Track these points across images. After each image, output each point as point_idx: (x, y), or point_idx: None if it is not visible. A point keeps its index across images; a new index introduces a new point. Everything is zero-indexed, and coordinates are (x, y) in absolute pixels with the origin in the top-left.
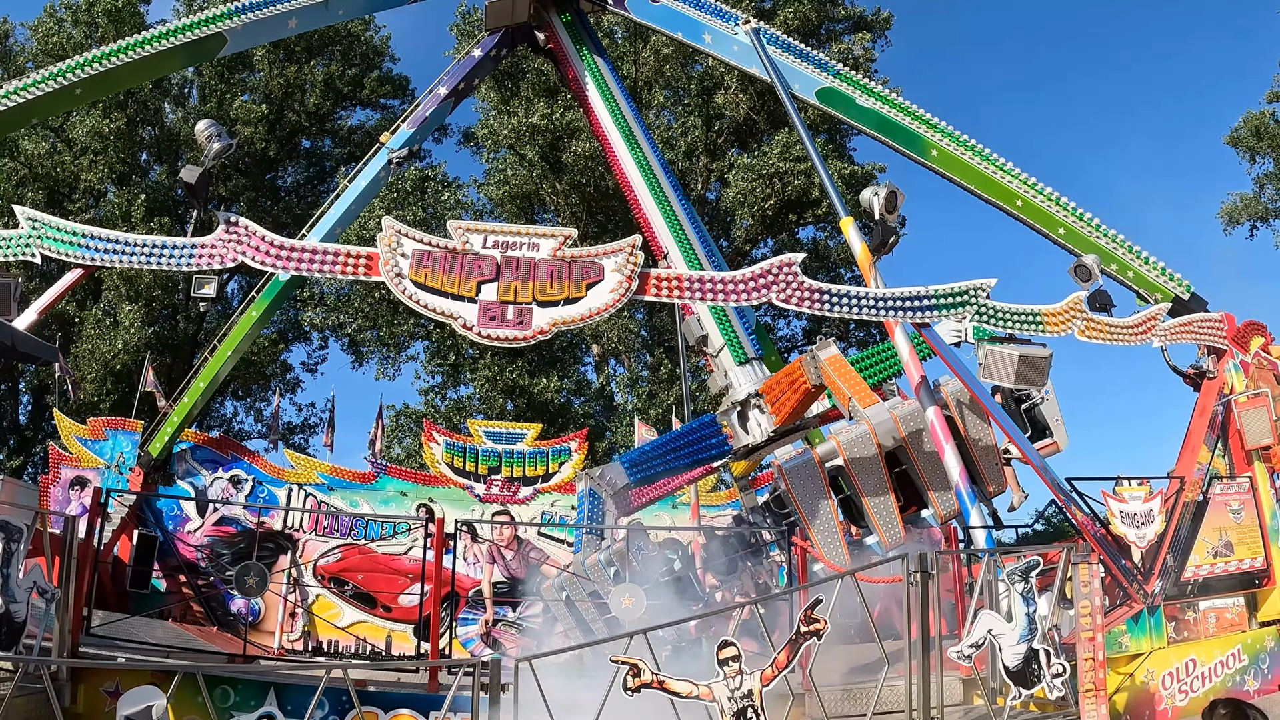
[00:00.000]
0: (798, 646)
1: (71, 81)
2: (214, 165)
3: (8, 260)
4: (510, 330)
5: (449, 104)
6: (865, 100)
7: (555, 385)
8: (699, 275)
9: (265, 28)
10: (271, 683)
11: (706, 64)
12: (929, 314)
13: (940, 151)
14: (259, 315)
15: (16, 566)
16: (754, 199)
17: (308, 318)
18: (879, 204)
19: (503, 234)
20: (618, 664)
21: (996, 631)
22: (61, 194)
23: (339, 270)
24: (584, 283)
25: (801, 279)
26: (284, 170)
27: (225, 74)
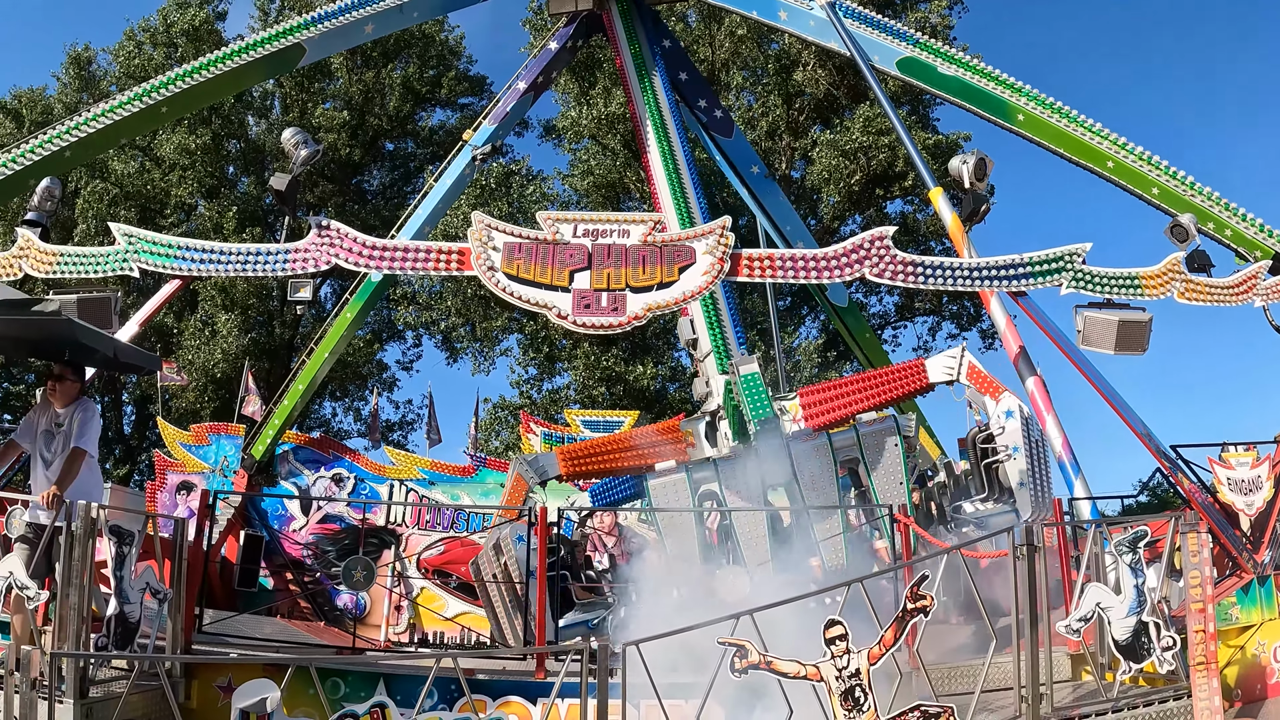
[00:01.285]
0: (905, 624)
1: (156, 101)
2: (302, 172)
3: (106, 276)
4: (605, 317)
5: (529, 98)
6: (947, 68)
7: (650, 371)
8: (791, 254)
9: (342, 35)
10: (381, 673)
11: (783, 41)
12: (1024, 282)
13: (1026, 115)
14: (354, 316)
15: (129, 569)
16: (839, 175)
17: (401, 317)
18: (968, 172)
19: (592, 222)
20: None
21: (1105, 605)
22: (153, 210)
23: (432, 267)
24: (676, 266)
25: (894, 252)
26: (369, 174)
27: (305, 83)
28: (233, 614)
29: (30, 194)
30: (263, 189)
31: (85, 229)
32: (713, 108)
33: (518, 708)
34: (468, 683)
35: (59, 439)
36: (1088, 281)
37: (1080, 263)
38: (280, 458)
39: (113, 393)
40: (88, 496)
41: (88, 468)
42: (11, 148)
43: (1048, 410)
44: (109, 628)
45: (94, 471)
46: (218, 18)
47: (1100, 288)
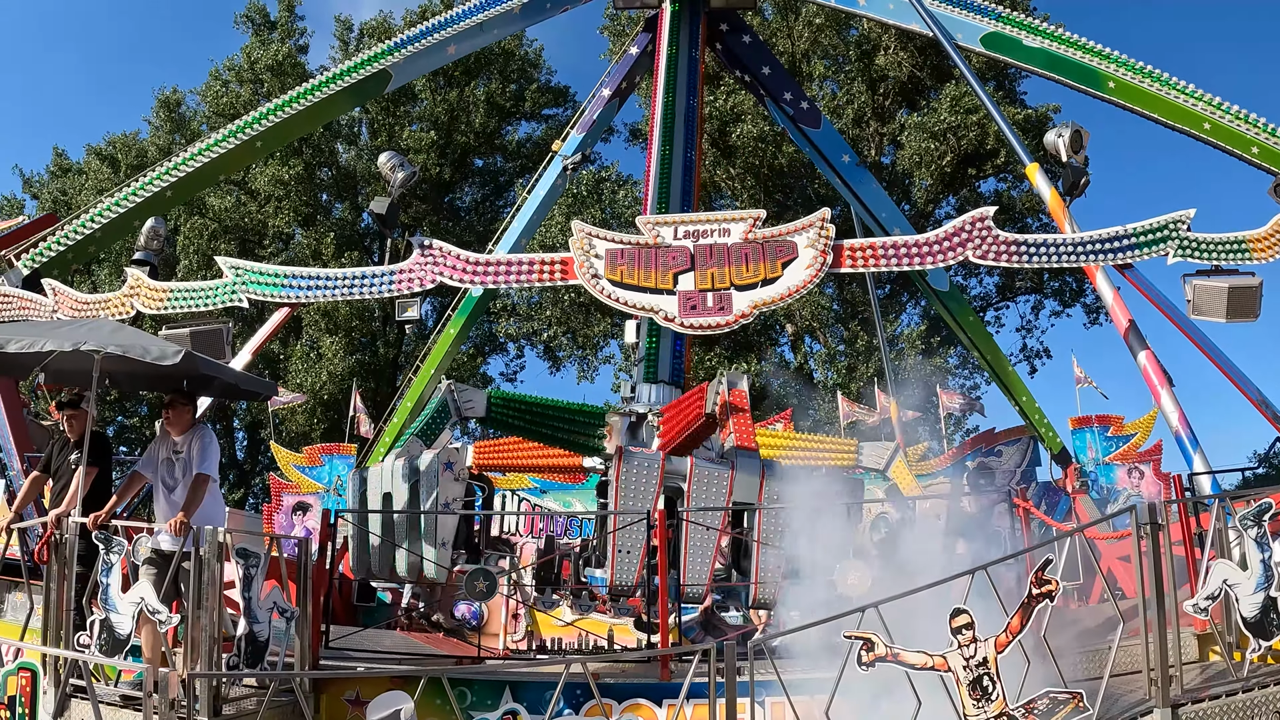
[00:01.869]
0: (1030, 610)
1: (251, 136)
2: (400, 194)
3: (215, 308)
4: (712, 317)
5: (614, 104)
6: (1032, 40)
7: (754, 369)
8: (893, 241)
9: (426, 58)
10: (507, 681)
11: (862, 27)
12: (1130, 254)
13: (1117, 82)
14: (457, 332)
15: (257, 589)
16: (929, 158)
17: (503, 329)
18: (1064, 145)
19: (693, 223)
20: (851, 639)
21: (1232, 581)
22: (252, 242)
23: (536, 278)
24: (779, 261)
25: (996, 233)
26: (460, 191)
27: (390, 107)
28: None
29: (135, 235)
30: (357, 214)
31: (188, 264)
32: (798, 100)
33: (644, 710)
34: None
35: (179, 466)
36: (1194, 249)
37: (1185, 230)
38: None
39: (224, 420)
40: (212, 521)
41: (210, 493)
42: (114, 192)
43: (1161, 384)
44: (239, 647)
45: (216, 496)
46: (300, 51)
47: (1207, 254)
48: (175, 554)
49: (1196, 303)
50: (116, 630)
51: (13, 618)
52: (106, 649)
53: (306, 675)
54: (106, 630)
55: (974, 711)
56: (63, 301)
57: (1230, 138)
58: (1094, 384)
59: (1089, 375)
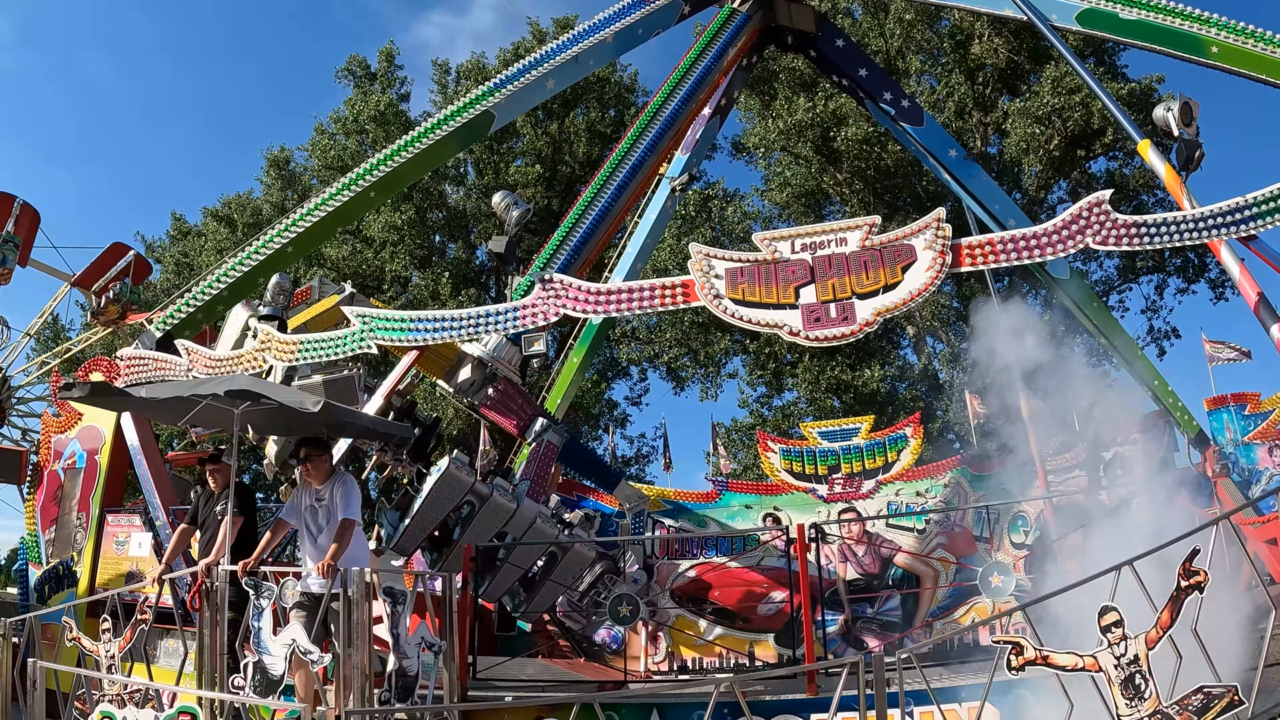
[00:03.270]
0: (1180, 603)
1: (364, 187)
2: (517, 231)
3: (345, 356)
4: (837, 328)
5: (715, 121)
6: (1129, 12)
7: (878, 374)
8: (1011, 235)
9: (527, 95)
10: (654, 703)
11: (953, 18)
12: (1253, 224)
13: (1221, 47)
14: (580, 360)
15: (404, 626)
16: (1036, 143)
17: (624, 354)
18: (1174, 119)
19: (809, 235)
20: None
21: None
22: (370, 288)
23: (659, 304)
24: (899, 266)
25: (1115, 216)
26: None
27: (494, 146)
28: (501, 659)
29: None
30: (470, 252)
31: None
32: (898, 99)
33: None
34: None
35: (322, 513)
36: None
37: None
38: None
39: (355, 462)
40: (357, 563)
41: (355, 537)
42: (236, 251)
43: None
44: (390, 683)
45: (360, 539)
46: (401, 100)
47: None
48: (324, 595)
49: None
50: (270, 672)
51: (166, 663)
52: (261, 690)
53: (456, 707)
54: (260, 672)
55: (1127, 711)
56: (197, 360)
57: None
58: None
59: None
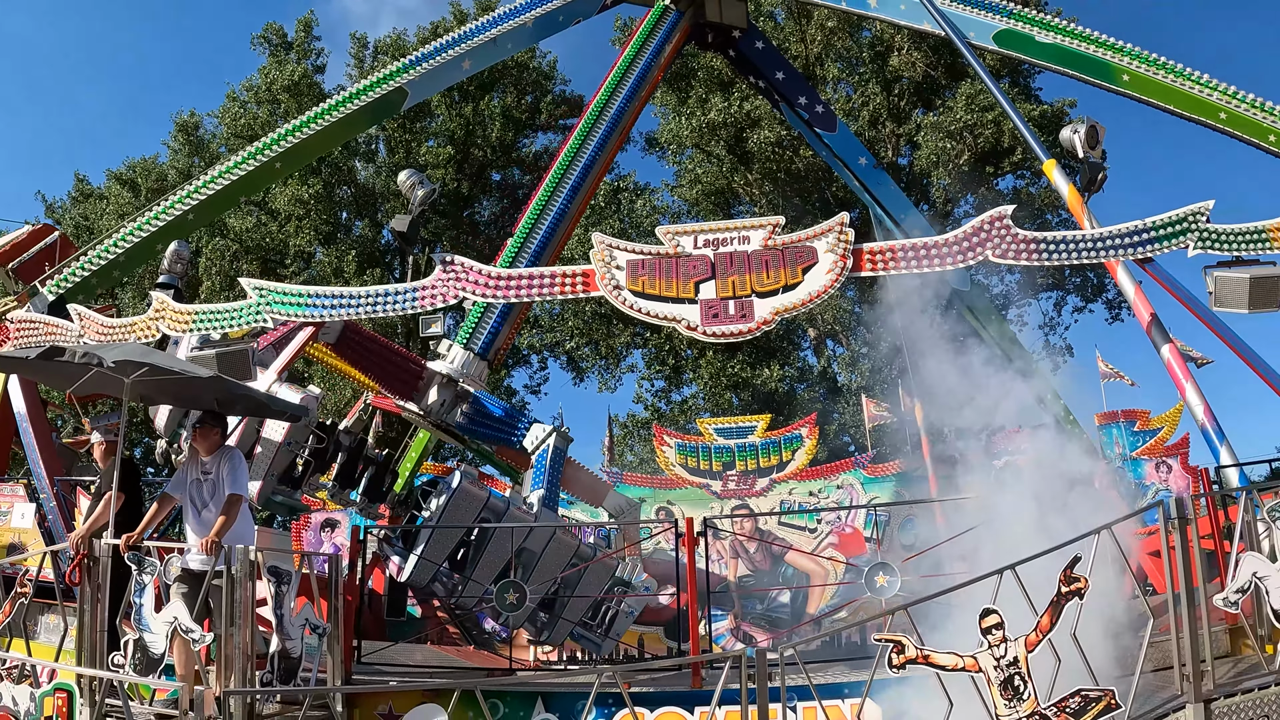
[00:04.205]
0: (1060, 608)
1: (270, 157)
2: (421, 211)
3: (240, 330)
4: (734, 325)
5: None
6: (1045, 36)
7: (777, 374)
8: (913, 243)
9: (442, 74)
10: (539, 692)
11: (875, 29)
12: (1150, 247)
13: (1131, 75)
14: None
15: (289, 607)
16: (946, 157)
17: (525, 341)
18: (1080, 141)
19: (712, 231)
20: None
21: (1261, 574)
22: (274, 262)
23: (559, 291)
24: (799, 267)
25: (1015, 231)
26: (479, 205)
27: (407, 124)
28: (387, 644)
29: (159, 259)
30: (377, 231)
31: (210, 285)
32: (813, 103)
33: (676, 717)
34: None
35: (207, 486)
36: (1214, 240)
37: (1205, 221)
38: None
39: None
40: (242, 540)
41: (240, 513)
42: (136, 216)
43: (1185, 378)
44: (272, 664)
45: (246, 516)
46: (316, 71)
47: (1228, 245)
48: (206, 573)
49: (1219, 294)
50: (150, 650)
51: (46, 639)
52: (141, 668)
53: (339, 690)
54: (140, 650)
55: (1006, 712)
56: (89, 326)
57: (1247, 126)
58: (1121, 375)
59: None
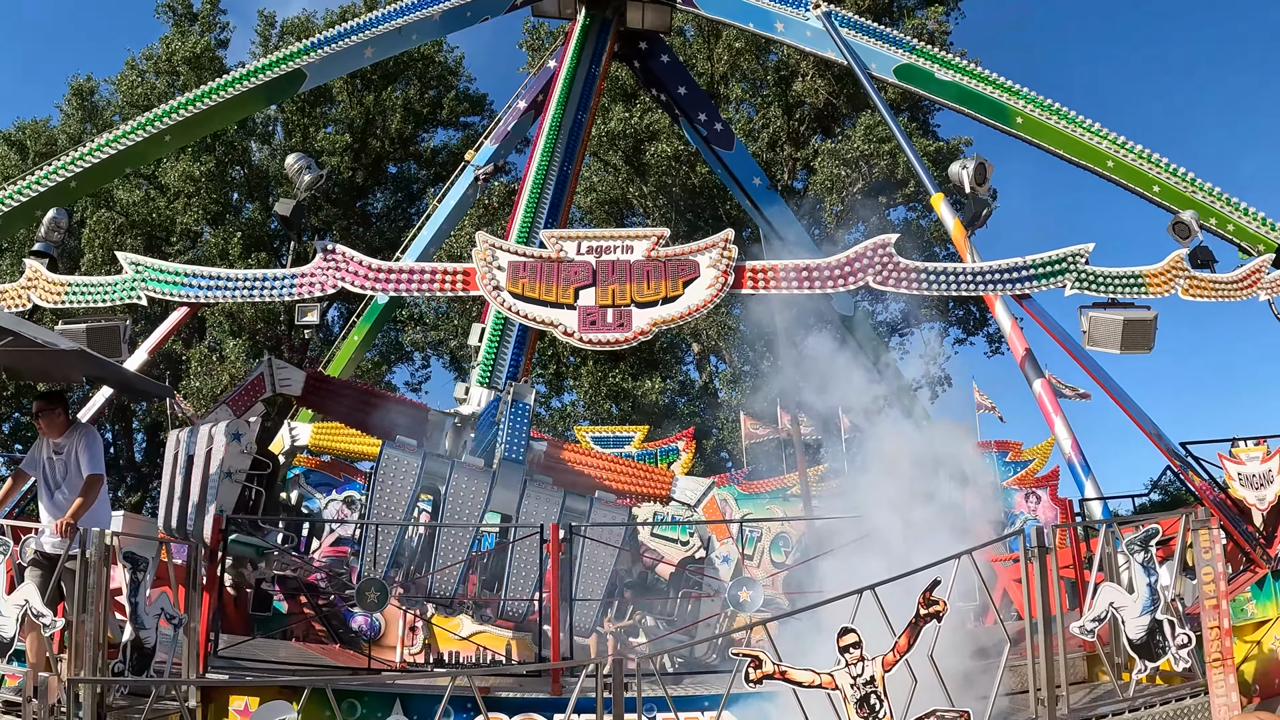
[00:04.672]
0: (918, 630)
1: (160, 129)
2: (307, 197)
3: (115, 304)
4: (611, 333)
5: (529, 116)
6: (944, 74)
7: (659, 386)
8: (795, 264)
9: (343, 59)
10: (397, 694)
11: (782, 53)
12: (1028, 284)
13: (1025, 118)
14: (361, 339)
15: (144, 595)
16: (841, 184)
17: (409, 338)
18: (968, 177)
19: (596, 239)
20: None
21: (1118, 604)
22: (159, 238)
23: (437, 288)
24: (680, 280)
25: (897, 260)
26: (373, 196)
27: (306, 108)
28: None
29: (37, 225)
30: (267, 214)
31: (92, 258)
32: (713, 121)
33: None
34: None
35: (60, 465)
36: (1092, 282)
37: (1083, 263)
38: (292, 481)
39: (123, 420)
40: (99, 523)
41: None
42: (17, 179)
43: (1056, 412)
44: (125, 654)
45: (104, 499)
46: (219, 45)
47: (1104, 287)
48: (60, 556)
49: (1092, 334)
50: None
51: None
52: None
53: (193, 683)
54: None
55: None
56: None
57: (1133, 175)
58: (994, 408)
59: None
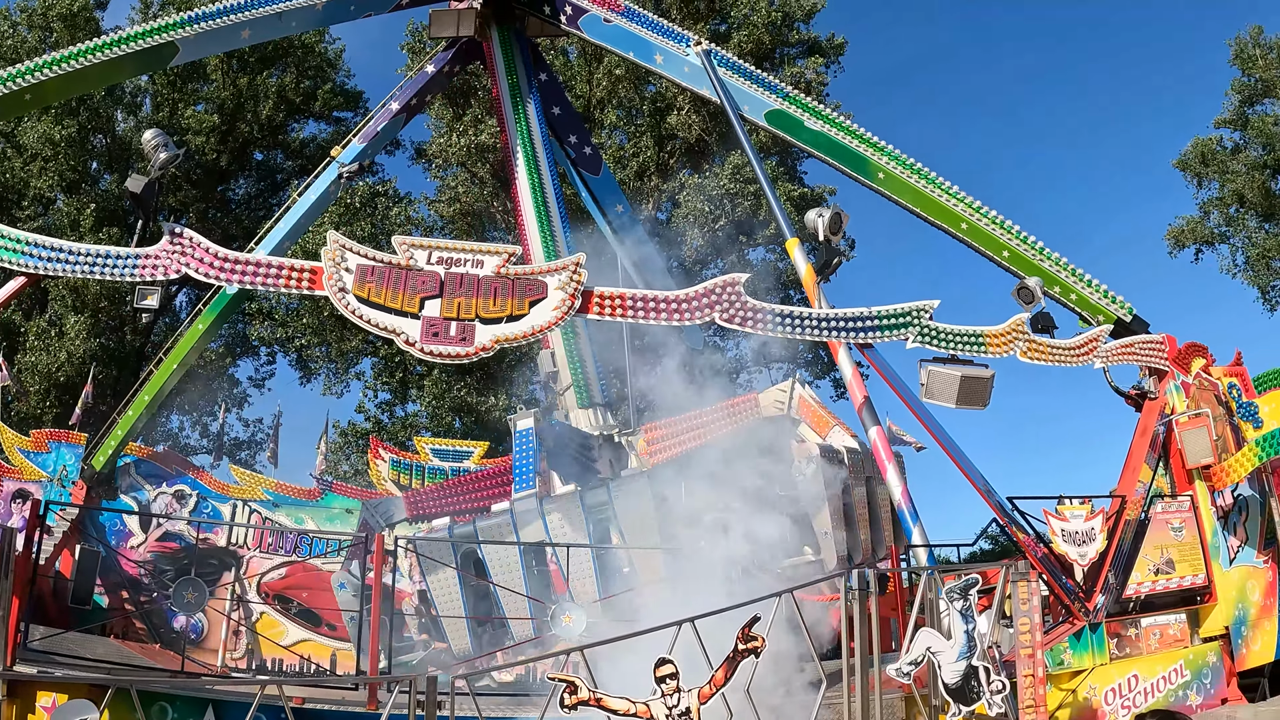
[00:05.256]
0: (735, 664)
1: (21, 86)
2: (161, 175)
3: None
4: (453, 347)
5: (401, 119)
6: (813, 123)
7: (503, 403)
8: (643, 294)
9: (218, 38)
10: (210, 699)
11: (660, 85)
12: (872, 335)
13: (887, 174)
14: (205, 328)
15: None
16: (704, 220)
17: (255, 332)
18: (824, 225)
19: (447, 250)
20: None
21: (936, 649)
22: (10, 201)
23: (283, 284)
24: (527, 300)
25: (745, 299)
26: (235, 182)
27: (178, 83)
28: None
29: None
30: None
31: None
32: (583, 144)
33: None
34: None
35: None
36: (934, 337)
37: (928, 319)
38: (122, 470)
39: None
40: None
41: None
42: None
43: (889, 459)
44: None
45: None
46: (97, 6)
47: (946, 344)
48: None
49: (929, 387)
50: None
51: None
52: None
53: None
54: None
55: None
56: None
57: (985, 239)
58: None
59: None
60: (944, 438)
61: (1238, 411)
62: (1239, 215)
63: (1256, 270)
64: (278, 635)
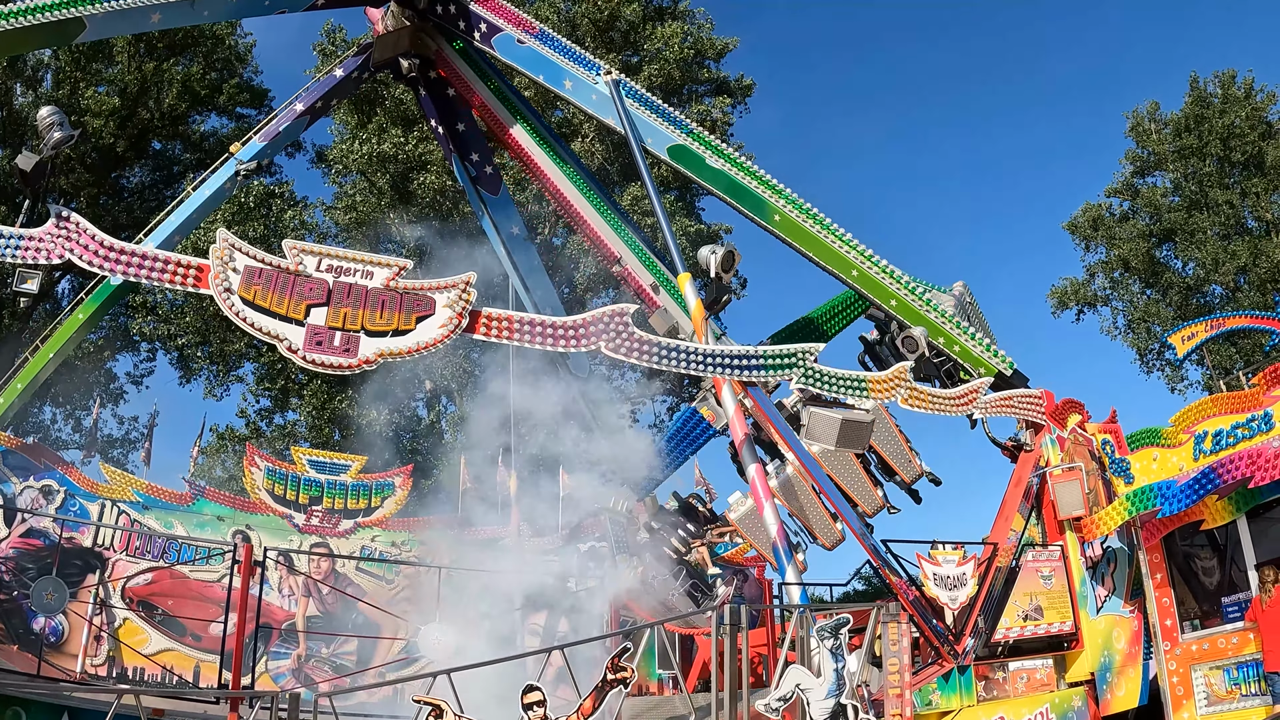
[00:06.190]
0: (604, 694)
1: None
2: (54, 155)
3: None
4: (335, 357)
5: (304, 120)
6: (715, 161)
7: (384, 418)
8: (531, 318)
9: (127, 18)
10: (66, 706)
11: (567, 111)
12: (756, 373)
13: (782, 217)
14: (86, 318)
15: None
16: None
17: (137, 326)
18: (715, 262)
19: (337, 259)
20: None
21: (805, 686)
22: None
23: (168, 279)
24: (414, 315)
25: (632, 330)
26: (130, 170)
27: (82, 61)
28: None
29: None
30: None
31: None
32: (484, 163)
33: None
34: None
35: None
36: (818, 379)
37: (812, 361)
38: None
39: None
40: None
41: None
42: None
43: (766, 497)
44: None
45: None
46: None
47: (829, 387)
48: None
49: (810, 428)
50: None
51: None
52: None
53: None
54: None
55: None
56: None
57: (874, 287)
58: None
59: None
60: (822, 478)
61: (1110, 467)
62: (1123, 279)
63: (1137, 333)
64: (140, 643)
